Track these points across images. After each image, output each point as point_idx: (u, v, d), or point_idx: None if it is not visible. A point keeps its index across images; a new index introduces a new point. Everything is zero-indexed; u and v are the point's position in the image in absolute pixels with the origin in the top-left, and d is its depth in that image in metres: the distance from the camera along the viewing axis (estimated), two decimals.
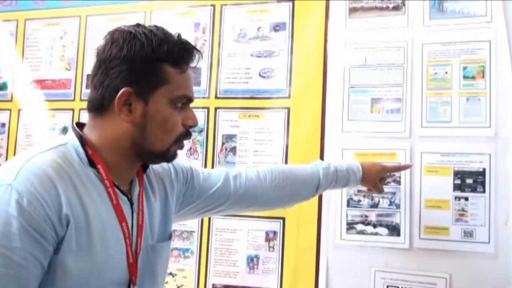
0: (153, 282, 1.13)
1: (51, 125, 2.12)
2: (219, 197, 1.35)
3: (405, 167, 1.64)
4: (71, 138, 1.05)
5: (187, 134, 1.08)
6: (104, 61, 1.03)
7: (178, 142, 1.08)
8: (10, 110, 2.21)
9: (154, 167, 1.21)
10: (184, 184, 1.29)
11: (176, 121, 1.05)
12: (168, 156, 1.09)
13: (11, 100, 2.21)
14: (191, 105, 1.14)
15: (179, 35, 1.07)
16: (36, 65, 2.20)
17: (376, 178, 1.55)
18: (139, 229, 1.09)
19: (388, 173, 1.60)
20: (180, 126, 1.06)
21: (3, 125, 2.21)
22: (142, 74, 1.02)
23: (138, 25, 1.06)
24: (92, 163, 1.03)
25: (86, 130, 1.07)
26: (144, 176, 1.16)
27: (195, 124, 1.08)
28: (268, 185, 1.40)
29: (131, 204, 1.08)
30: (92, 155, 1.03)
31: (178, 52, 1.04)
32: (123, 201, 1.06)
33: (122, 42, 1.02)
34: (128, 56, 1.01)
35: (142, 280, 1.09)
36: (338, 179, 1.47)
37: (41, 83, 2.18)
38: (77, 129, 1.06)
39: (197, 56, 1.09)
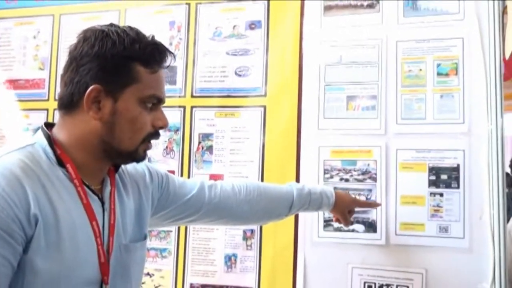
0: (127, 282, 1.13)
1: (25, 125, 2.09)
2: (193, 205, 1.35)
3: (375, 205, 1.66)
4: (39, 138, 1.04)
5: (155, 134, 1.08)
6: (75, 58, 1.03)
7: (146, 142, 1.08)
8: None
9: (128, 169, 1.21)
10: (159, 188, 1.29)
11: (145, 120, 1.05)
12: (137, 155, 1.09)
13: None
14: (167, 103, 1.14)
15: (153, 36, 1.07)
16: (9, 65, 2.18)
17: (346, 208, 1.57)
18: (111, 228, 1.09)
19: (356, 207, 1.62)
20: (149, 126, 1.06)
21: None
22: (112, 71, 1.02)
23: (111, 24, 1.06)
24: (61, 163, 1.02)
25: (55, 129, 1.06)
26: (117, 176, 1.15)
27: (165, 125, 1.08)
28: (243, 198, 1.41)
29: (102, 204, 1.08)
30: (61, 154, 1.03)
31: (150, 52, 1.04)
32: (94, 200, 1.06)
33: (94, 40, 1.02)
34: (99, 53, 1.01)
35: (115, 280, 1.08)
36: (311, 201, 1.48)
37: (14, 83, 2.16)
38: (45, 129, 1.05)
39: (169, 57, 1.08)
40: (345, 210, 1.56)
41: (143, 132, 1.06)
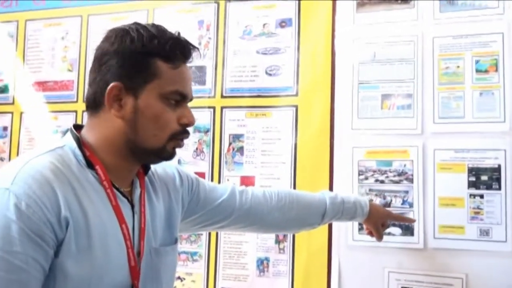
0: (157, 287, 1.13)
1: (54, 127, 2.12)
2: (223, 210, 1.35)
3: (409, 220, 1.64)
4: (69, 140, 1.05)
5: (183, 133, 1.08)
6: (97, 58, 1.05)
7: (174, 140, 1.07)
8: (12, 113, 2.22)
9: (158, 172, 1.22)
10: (189, 192, 1.29)
11: (168, 117, 1.05)
12: (165, 153, 1.08)
13: (12, 103, 2.23)
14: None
15: (176, 32, 1.08)
16: (38, 67, 2.21)
17: (379, 220, 1.56)
18: (142, 231, 1.09)
19: (390, 221, 1.61)
20: (174, 123, 1.06)
21: (5, 128, 2.22)
22: (132, 68, 1.03)
23: (135, 23, 1.07)
24: (90, 165, 1.03)
25: (84, 131, 1.07)
26: (146, 178, 1.16)
27: (190, 122, 1.07)
28: (274, 205, 1.41)
29: (132, 206, 1.09)
30: (90, 156, 1.04)
31: (170, 47, 1.04)
32: (123, 202, 1.07)
33: (114, 38, 1.04)
34: (118, 51, 1.03)
35: (145, 284, 1.08)
36: (344, 210, 1.48)
37: (43, 85, 2.19)
38: (74, 131, 1.07)
39: (193, 52, 1.08)
40: (378, 223, 1.55)
41: (167, 129, 1.05)
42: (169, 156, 1.09)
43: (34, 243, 0.91)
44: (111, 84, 1.02)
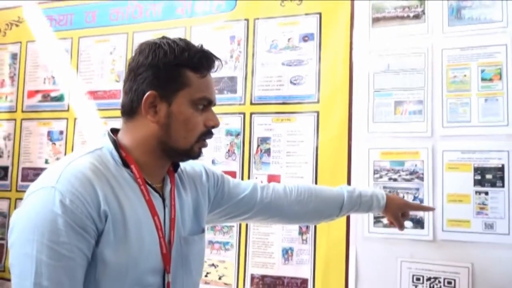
0: (187, 272, 1.15)
1: (104, 132, 2.15)
2: (246, 204, 1.35)
3: (428, 209, 1.63)
4: (106, 143, 1.07)
5: (208, 133, 1.10)
6: (133, 69, 1.07)
7: (200, 141, 1.09)
8: (67, 119, 2.28)
9: (187, 169, 1.24)
10: (214, 186, 1.31)
11: (197, 121, 1.08)
12: (193, 153, 1.10)
13: (67, 110, 2.28)
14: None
15: (201, 45, 1.10)
16: (89, 78, 2.26)
17: (398, 210, 1.51)
18: (172, 222, 1.11)
19: (410, 210, 1.57)
20: (201, 126, 1.08)
21: (61, 132, 2.28)
22: (165, 78, 1.05)
23: (163, 37, 1.09)
24: (126, 164, 1.06)
25: (120, 134, 1.10)
26: (176, 175, 1.18)
27: (216, 124, 1.10)
28: (293, 199, 1.40)
29: (163, 200, 1.11)
30: (125, 156, 1.06)
31: (198, 59, 1.07)
32: (155, 197, 1.09)
33: (148, 52, 1.06)
34: (152, 63, 1.05)
35: (176, 269, 1.11)
36: (361, 203, 1.45)
37: (94, 94, 2.24)
38: (111, 134, 1.09)
39: (216, 62, 1.11)
40: (398, 213, 1.50)
41: (196, 132, 1.08)
42: (196, 155, 1.11)
43: (78, 234, 0.94)
44: (148, 93, 1.04)
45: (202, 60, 1.08)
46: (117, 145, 1.07)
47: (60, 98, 2.31)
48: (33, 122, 2.35)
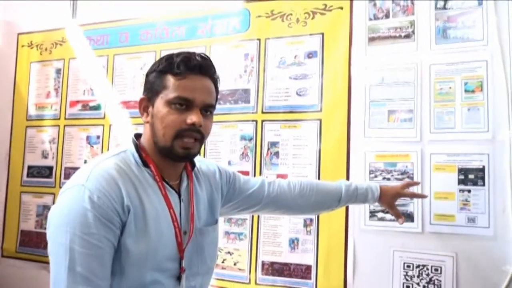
0: (202, 259, 1.15)
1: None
2: (254, 198, 1.35)
3: (420, 196, 1.61)
4: (130, 146, 1.09)
5: (186, 130, 1.03)
6: None
7: (179, 139, 1.04)
8: (103, 125, 2.30)
9: (202, 168, 1.24)
10: (226, 183, 1.30)
11: (171, 118, 1.03)
12: (175, 152, 1.04)
13: (103, 118, 2.30)
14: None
15: (193, 52, 1.07)
16: (122, 90, 2.27)
17: (392, 199, 1.47)
18: (191, 215, 1.11)
19: (403, 197, 1.54)
20: (178, 123, 1.03)
21: (98, 137, 2.30)
22: (151, 84, 1.07)
23: (173, 53, 1.09)
24: (146, 164, 1.07)
25: (142, 138, 1.11)
26: (193, 174, 1.18)
27: (193, 122, 1.03)
28: (297, 193, 1.40)
29: (179, 195, 1.11)
30: (145, 157, 1.07)
31: (177, 63, 1.04)
32: (171, 193, 1.09)
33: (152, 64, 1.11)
34: (147, 73, 1.09)
35: (191, 257, 1.11)
36: (358, 195, 1.44)
37: (127, 104, 2.25)
38: (134, 138, 1.10)
39: (197, 63, 1.05)
40: (392, 202, 1.46)
41: (171, 129, 1.03)
42: (181, 154, 1.05)
43: (105, 226, 0.95)
44: (140, 97, 1.08)
45: (180, 64, 1.04)
46: (138, 147, 1.08)
47: (97, 107, 2.33)
48: (74, 128, 2.37)
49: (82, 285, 0.93)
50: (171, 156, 1.06)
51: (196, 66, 1.05)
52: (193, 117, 1.03)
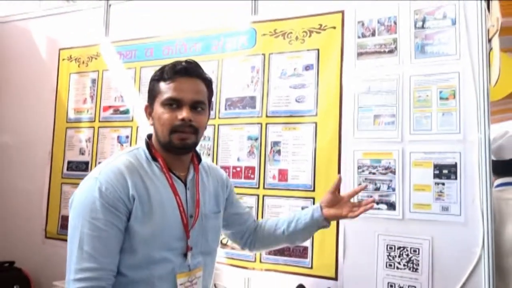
0: (206, 241, 1.16)
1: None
2: (236, 221, 1.34)
3: (355, 192, 1.34)
4: (143, 144, 1.12)
5: (179, 126, 1.04)
6: None
7: (174, 133, 1.05)
8: (131, 127, 2.30)
9: (212, 167, 1.25)
10: (227, 189, 1.30)
11: (166, 117, 1.04)
12: (173, 144, 1.05)
13: (132, 120, 2.30)
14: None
15: (187, 60, 1.08)
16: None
17: (329, 202, 1.29)
18: (197, 202, 1.12)
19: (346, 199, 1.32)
20: (172, 120, 1.04)
21: (127, 137, 2.30)
22: (150, 92, 1.11)
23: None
24: (155, 159, 1.09)
25: (152, 137, 1.13)
26: (200, 167, 1.18)
27: (182, 117, 1.04)
28: (265, 233, 1.35)
29: (185, 185, 1.12)
30: (154, 153, 1.09)
31: (167, 70, 1.07)
32: (177, 182, 1.10)
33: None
34: (149, 82, 1.12)
35: (197, 238, 1.12)
36: (300, 216, 1.31)
37: None
38: (146, 138, 1.14)
39: (182, 67, 1.05)
40: (338, 213, 1.28)
41: (166, 125, 1.04)
42: (179, 145, 1.05)
43: (111, 212, 0.97)
44: (145, 104, 1.12)
45: (169, 70, 1.06)
46: (149, 145, 1.11)
47: (126, 112, 2.33)
48: (106, 129, 2.36)
49: (87, 262, 0.95)
50: (171, 149, 1.07)
51: (181, 70, 1.06)
52: (183, 113, 1.04)
